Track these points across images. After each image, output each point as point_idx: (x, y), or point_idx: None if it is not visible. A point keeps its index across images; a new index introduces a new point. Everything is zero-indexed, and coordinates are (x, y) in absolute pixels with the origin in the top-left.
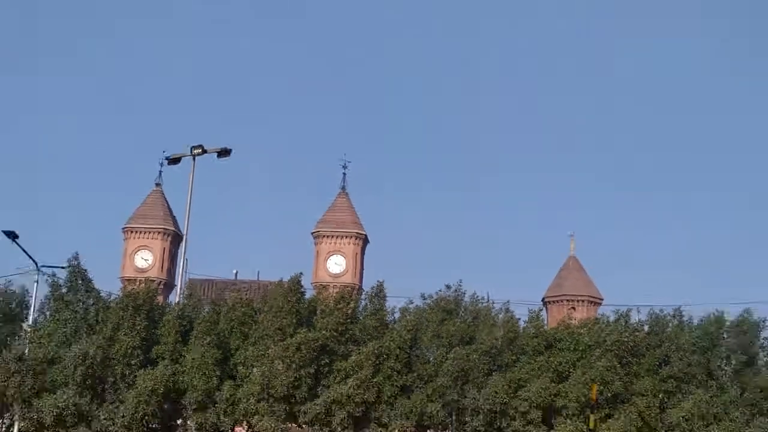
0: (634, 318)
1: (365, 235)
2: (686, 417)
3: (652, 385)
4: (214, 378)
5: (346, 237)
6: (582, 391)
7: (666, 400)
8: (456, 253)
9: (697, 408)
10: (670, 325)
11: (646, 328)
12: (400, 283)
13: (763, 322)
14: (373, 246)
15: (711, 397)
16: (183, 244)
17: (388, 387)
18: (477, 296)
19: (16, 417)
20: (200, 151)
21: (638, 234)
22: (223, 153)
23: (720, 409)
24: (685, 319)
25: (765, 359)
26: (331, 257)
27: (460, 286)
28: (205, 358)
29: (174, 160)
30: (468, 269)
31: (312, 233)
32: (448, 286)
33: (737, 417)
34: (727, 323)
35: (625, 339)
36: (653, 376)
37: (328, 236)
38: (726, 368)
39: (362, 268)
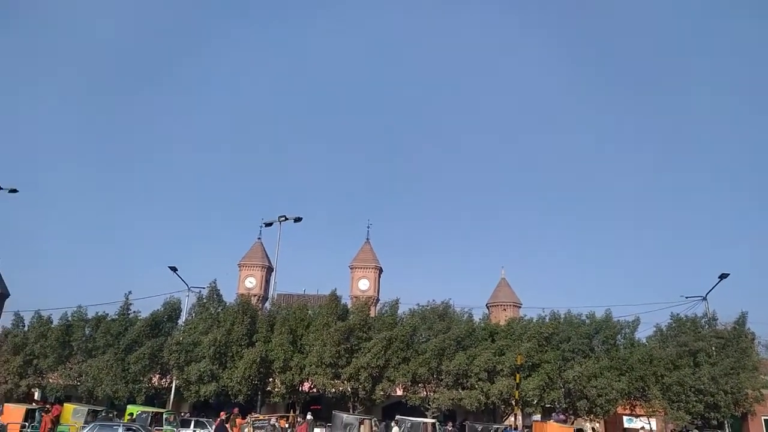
0: (545, 315)
1: (381, 267)
2: (576, 376)
3: (555, 356)
4: (289, 352)
5: (369, 269)
6: (512, 360)
7: (564, 365)
8: (437, 277)
9: (583, 370)
10: (564, 320)
11: (551, 322)
12: (404, 296)
13: (624, 320)
14: (386, 273)
15: (591, 363)
16: (274, 273)
17: (394, 359)
18: (453, 305)
19: (174, 377)
20: (284, 218)
21: (547, 261)
22: (297, 219)
23: (597, 371)
24: (577, 316)
25: (622, 341)
26: (360, 280)
27: (449, 300)
28: (283, 340)
29: (268, 224)
30: (444, 287)
31: (349, 266)
32: (442, 301)
33: (607, 375)
34: (600, 319)
35: (541, 329)
36: (556, 351)
37: (359, 268)
38: (601, 346)
39: (379, 287)
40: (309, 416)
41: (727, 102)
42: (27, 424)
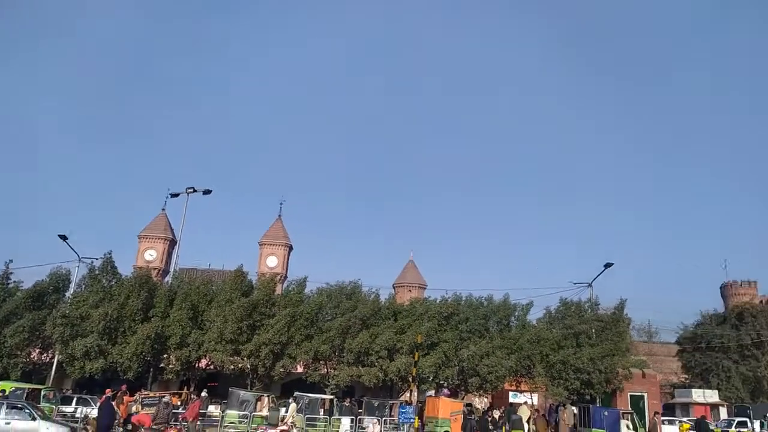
0: (448, 297)
1: (291, 245)
2: (470, 355)
3: (453, 336)
4: (188, 328)
5: (279, 246)
6: (413, 339)
7: (460, 344)
8: (348, 258)
9: (477, 350)
10: (465, 302)
11: (453, 303)
12: (315, 276)
13: (519, 303)
14: (297, 252)
15: (485, 343)
16: (178, 246)
17: (297, 336)
18: (361, 285)
19: (57, 352)
20: (192, 190)
21: (453, 246)
22: (207, 192)
23: (489, 350)
24: (477, 299)
25: (515, 323)
26: (269, 257)
27: (358, 280)
28: (182, 315)
29: (174, 195)
30: (354, 267)
31: (258, 242)
32: (351, 281)
33: (498, 354)
34: (497, 302)
35: (443, 310)
36: (455, 330)
37: (268, 245)
38: (495, 327)
39: (288, 265)
40: (204, 393)
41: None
42: None
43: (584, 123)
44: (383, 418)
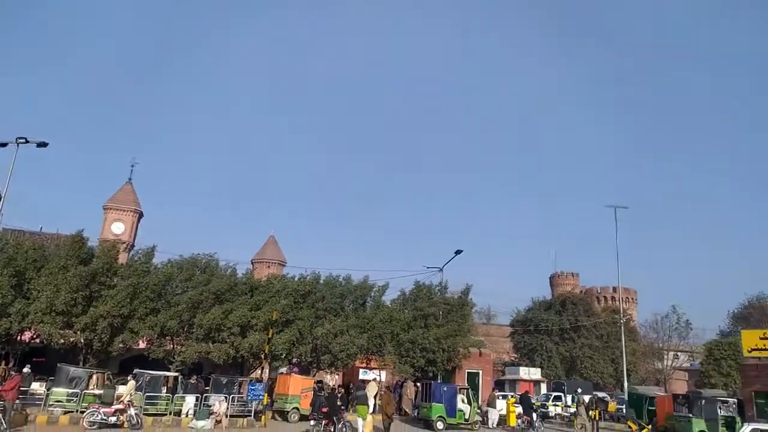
0: (306, 275)
1: (141, 212)
2: (324, 333)
3: (309, 314)
4: (9, 296)
5: (127, 211)
6: (267, 316)
7: (315, 322)
8: (204, 232)
9: (331, 328)
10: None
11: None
12: (169, 247)
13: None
14: (149, 220)
15: (340, 321)
16: (1, 203)
17: (141, 309)
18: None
19: None
20: (24, 140)
21: (314, 224)
22: (42, 144)
23: (344, 329)
24: (335, 278)
25: (370, 302)
26: (115, 223)
27: (215, 253)
28: (3, 282)
29: (2, 144)
30: (214, 243)
31: (103, 206)
32: (206, 254)
33: (351, 333)
34: (355, 282)
35: (300, 287)
36: (311, 308)
37: (114, 209)
38: (350, 306)
39: (136, 233)
40: (26, 369)
41: None
42: None
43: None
44: (231, 396)
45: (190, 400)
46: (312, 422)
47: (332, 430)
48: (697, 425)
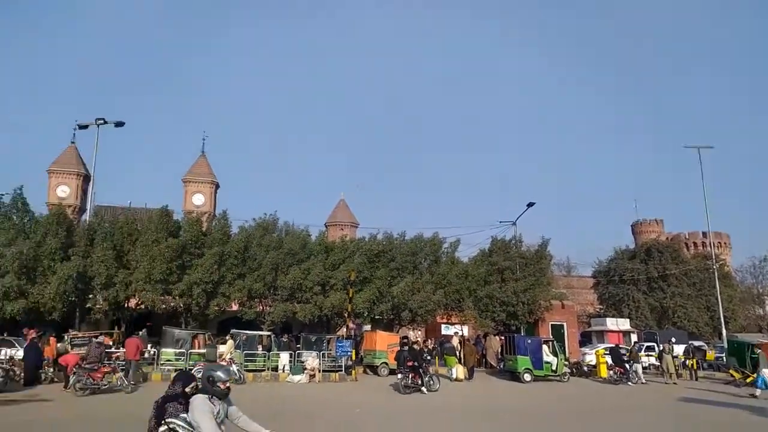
0: (379, 235)
1: (217, 182)
2: (401, 290)
3: (384, 273)
4: (113, 268)
5: (205, 183)
6: (345, 275)
7: (391, 281)
8: (274, 194)
9: (407, 286)
10: (397, 240)
11: (384, 242)
12: (240, 212)
13: (445, 239)
14: (225, 189)
15: (415, 279)
16: (92, 182)
17: (229, 274)
18: (285, 221)
19: None
20: (103, 121)
21: (385, 187)
22: (119, 124)
23: (420, 286)
24: (407, 237)
25: (444, 259)
26: (194, 195)
27: (275, 214)
28: (106, 255)
29: (83, 126)
30: (282, 204)
31: (182, 179)
32: (266, 214)
33: (428, 289)
34: (426, 239)
35: (373, 247)
36: (385, 268)
37: (193, 182)
38: (424, 263)
39: (215, 203)
40: (143, 332)
41: None
42: None
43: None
44: (321, 353)
45: (284, 357)
46: (399, 375)
47: (419, 382)
48: None
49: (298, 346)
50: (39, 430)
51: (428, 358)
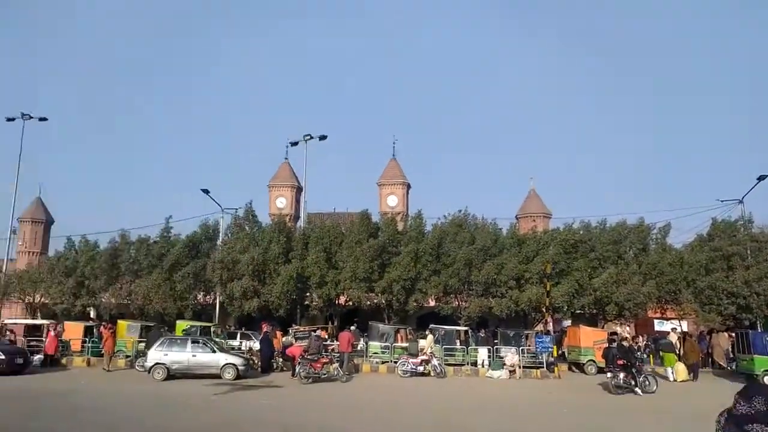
0: (575, 224)
1: (408, 183)
2: (603, 282)
3: (584, 264)
4: (324, 268)
5: (397, 185)
6: (540, 268)
7: (592, 272)
8: (461, 189)
9: (610, 277)
10: (596, 228)
11: (580, 231)
12: (433, 210)
13: (654, 225)
14: (415, 189)
15: (620, 270)
16: (304, 192)
17: (425, 271)
18: (476, 216)
19: (218, 294)
20: (309, 137)
21: (577, 170)
22: (322, 138)
23: (626, 277)
24: (607, 224)
25: (653, 246)
26: (388, 197)
27: (467, 210)
28: (318, 257)
29: (294, 143)
30: (471, 198)
31: (377, 183)
32: (460, 210)
33: (636, 280)
34: (630, 226)
35: (568, 237)
36: (584, 258)
37: (386, 185)
38: (629, 252)
39: (408, 203)
40: (354, 327)
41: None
42: (86, 339)
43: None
44: (520, 348)
45: (482, 352)
46: (609, 375)
47: (633, 382)
48: None
49: (496, 341)
50: (274, 413)
51: (642, 356)
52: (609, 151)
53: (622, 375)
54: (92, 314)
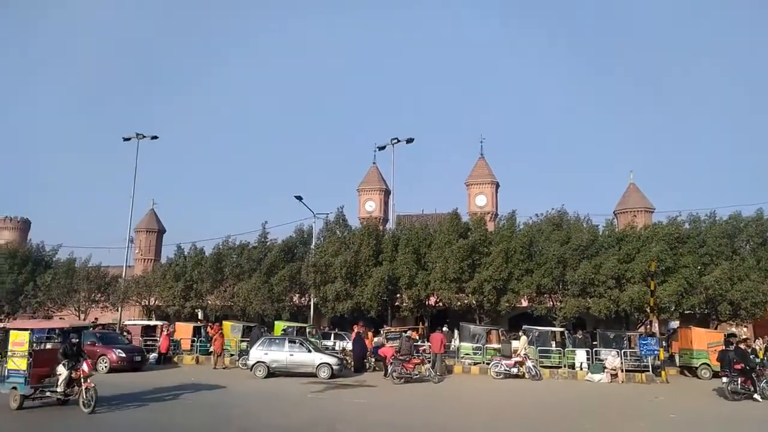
0: (680, 216)
1: (497, 182)
2: (716, 280)
3: (693, 260)
4: (414, 270)
5: (485, 184)
6: (643, 266)
7: (702, 269)
8: (562, 185)
9: (724, 274)
10: (705, 221)
11: (687, 225)
12: (523, 209)
13: None
14: (504, 187)
15: (735, 266)
16: (392, 195)
17: (516, 270)
18: (570, 214)
19: (312, 296)
20: (396, 140)
21: (681, 161)
22: (410, 141)
23: (742, 273)
24: (717, 217)
25: None
26: (477, 197)
27: (564, 208)
28: (407, 258)
29: (381, 148)
30: (566, 196)
31: (465, 183)
32: (554, 209)
33: (755, 278)
34: (747, 218)
35: (673, 231)
36: (693, 254)
37: (474, 185)
38: (746, 246)
39: (497, 202)
40: (445, 328)
41: None
42: (195, 338)
43: None
44: (622, 350)
45: (580, 354)
46: (725, 379)
47: (752, 388)
48: None
49: (595, 343)
50: (367, 412)
51: (764, 360)
52: (719, 142)
53: (740, 380)
54: (200, 315)
